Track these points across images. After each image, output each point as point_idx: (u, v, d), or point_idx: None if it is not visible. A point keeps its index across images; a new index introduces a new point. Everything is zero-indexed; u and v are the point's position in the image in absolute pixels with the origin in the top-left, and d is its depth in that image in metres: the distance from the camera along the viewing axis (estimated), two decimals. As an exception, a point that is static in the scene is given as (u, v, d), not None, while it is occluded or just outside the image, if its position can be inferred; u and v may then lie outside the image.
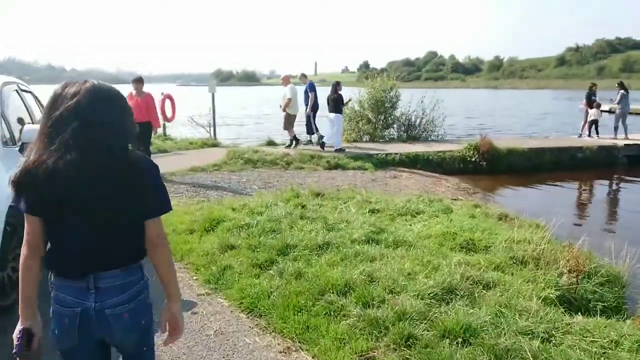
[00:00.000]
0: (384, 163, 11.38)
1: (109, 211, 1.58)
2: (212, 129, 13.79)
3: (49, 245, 1.66)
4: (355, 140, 13.84)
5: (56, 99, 1.59)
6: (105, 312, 1.64)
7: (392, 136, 14.42)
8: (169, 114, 13.50)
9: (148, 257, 1.73)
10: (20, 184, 1.54)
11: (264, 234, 4.83)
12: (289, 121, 12.14)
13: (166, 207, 1.73)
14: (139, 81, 8.65)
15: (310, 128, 12.82)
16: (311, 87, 12.57)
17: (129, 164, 1.61)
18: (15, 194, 1.56)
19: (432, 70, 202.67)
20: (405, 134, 14.28)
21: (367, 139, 14.16)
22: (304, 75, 12.91)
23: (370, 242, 4.71)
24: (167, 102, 13.52)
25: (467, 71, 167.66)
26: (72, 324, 1.64)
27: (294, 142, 12.22)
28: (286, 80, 12.26)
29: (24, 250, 1.62)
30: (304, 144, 12.66)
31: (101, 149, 1.56)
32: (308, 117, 12.68)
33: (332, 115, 11.92)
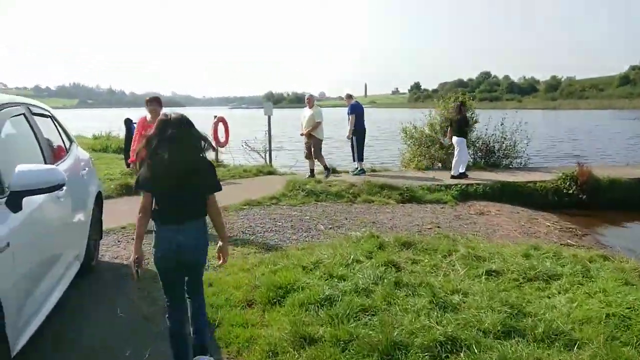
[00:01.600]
0: (464, 195, 9.79)
1: (193, 186, 2.91)
2: (267, 154, 12.60)
3: (155, 207, 2.92)
4: (427, 168, 12.29)
5: (166, 122, 2.90)
6: (188, 244, 2.93)
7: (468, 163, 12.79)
8: (222, 138, 12.44)
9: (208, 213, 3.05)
10: (143, 177, 2.89)
11: (353, 315, 3.40)
12: (317, 147, 10.65)
13: (218, 188, 3.06)
14: (153, 101, 6.37)
15: (358, 154, 11.44)
16: (352, 109, 11.21)
17: (202, 159, 2.98)
18: (142, 181, 2.90)
19: (486, 90, 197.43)
20: (483, 161, 12.61)
21: (440, 167, 12.60)
22: (349, 96, 11.49)
23: (511, 334, 3.19)
24: (220, 126, 12.47)
25: (522, 91, 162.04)
26: (169, 252, 2.92)
27: (327, 172, 10.73)
28: (311, 102, 10.78)
29: (140, 213, 2.92)
30: (353, 173, 11.27)
31: (191, 150, 2.91)
32: (355, 142, 11.35)
33: (455, 139, 10.96)
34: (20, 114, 3.32)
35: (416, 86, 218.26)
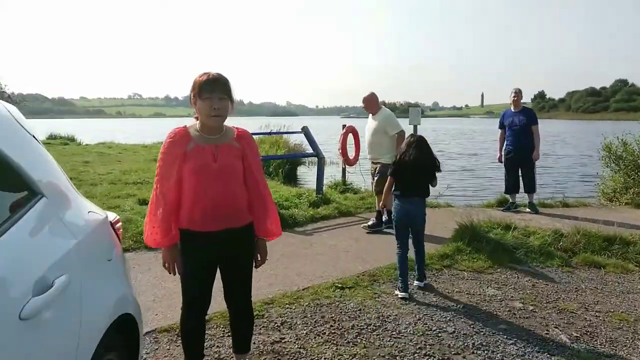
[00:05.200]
0: None
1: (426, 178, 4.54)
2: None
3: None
4: (646, 204, 8.38)
5: (411, 141, 4.57)
6: None
7: None
8: (351, 153, 9.48)
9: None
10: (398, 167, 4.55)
11: None
12: (384, 176, 6.04)
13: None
14: None
15: (532, 183, 7.91)
16: (530, 116, 7.84)
17: (434, 160, 4.57)
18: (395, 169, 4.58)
19: (622, 100, 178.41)
20: None
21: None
22: (519, 96, 7.94)
23: None
24: (350, 138, 9.52)
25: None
26: None
27: (378, 223, 6.76)
28: (372, 104, 6.88)
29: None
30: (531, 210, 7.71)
31: (428, 155, 4.52)
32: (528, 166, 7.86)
33: None
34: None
35: (540, 95, 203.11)
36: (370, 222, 6.79)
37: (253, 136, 2.81)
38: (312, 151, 9.02)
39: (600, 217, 7.41)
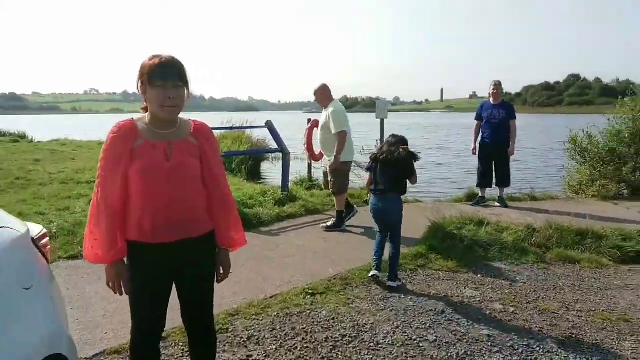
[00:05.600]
0: None
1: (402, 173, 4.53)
2: (378, 172, 9.20)
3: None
4: (614, 196, 8.40)
5: (390, 141, 4.69)
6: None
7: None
8: (317, 148, 9.16)
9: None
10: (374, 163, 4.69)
11: None
12: (342, 176, 6.38)
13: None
14: None
15: (507, 177, 7.83)
16: (509, 109, 7.78)
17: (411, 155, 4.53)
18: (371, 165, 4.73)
19: (575, 94, 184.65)
20: None
21: (627, 193, 8.68)
22: (499, 88, 7.81)
23: None
24: (316, 132, 9.18)
25: (618, 95, 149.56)
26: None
27: (349, 215, 6.61)
28: (323, 96, 6.45)
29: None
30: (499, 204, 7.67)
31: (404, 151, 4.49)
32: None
33: None
34: None
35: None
36: (329, 222, 6.50)
37: (214, 131, 2.44)
38: (276, 146, 8.65)
39: (570, 210, 7.34)
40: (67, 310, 3.74)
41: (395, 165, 4.50)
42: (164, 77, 2.06)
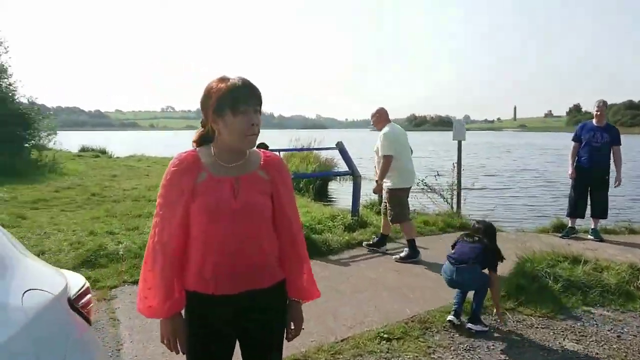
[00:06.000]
0: None
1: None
2: (454, 197, 8.63)
3: None
4: None
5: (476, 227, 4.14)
6: None
7: None
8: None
9: None
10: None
11: None
12: (392, 202, 6.07)
13: None
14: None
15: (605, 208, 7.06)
16: (612, 135, 6.99)
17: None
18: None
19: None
20: None
21: None
22: (604, 107, 7.05)
23: None
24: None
25: None
26: None
27: (378, 243, 6.43)
28: (380, 119, 6.24)
29: None
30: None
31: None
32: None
33: None
34: None
35: (576, 108, 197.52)
36: (403, 253, 6.04)
37: (283, 153, 2.11)
38: (346, 166, 8.32)
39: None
40: (126, 343, 3.55)
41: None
42: (248, 102, 1.78)
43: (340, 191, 14.70)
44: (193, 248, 1.83)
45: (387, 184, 6.06)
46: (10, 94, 15.84)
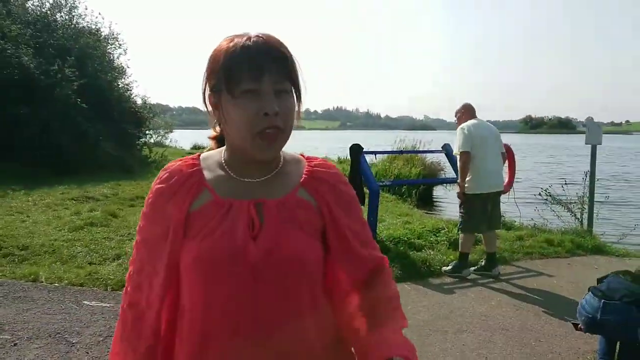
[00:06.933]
0: None
1: None
2: (585, 212, 7.21)
3: None
4: None
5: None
6: None
7: None
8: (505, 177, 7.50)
9: None
10: None
11: None
12: (468, 210, 5.23)
13: None
14: None
15: None
16: None
17: None
18: None
19: None
20: None
21: None
22: None
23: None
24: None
25: None
26: None
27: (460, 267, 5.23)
28: (463, 116, 5.45)
29: None
30: None
31: None
32: None
33: None
34: None
35: None
36: (450, 266, 5.30)
37: (386, 154, 1.33)
38: (453, 174, 7.27)
39: None
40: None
41: None
42: (257, 73, 0.99)
43: (447, 198, 13.48)
44: (185, 322, 1.08)
45: (472, 187, 5.24)
46: (126, 93, 16.63)
